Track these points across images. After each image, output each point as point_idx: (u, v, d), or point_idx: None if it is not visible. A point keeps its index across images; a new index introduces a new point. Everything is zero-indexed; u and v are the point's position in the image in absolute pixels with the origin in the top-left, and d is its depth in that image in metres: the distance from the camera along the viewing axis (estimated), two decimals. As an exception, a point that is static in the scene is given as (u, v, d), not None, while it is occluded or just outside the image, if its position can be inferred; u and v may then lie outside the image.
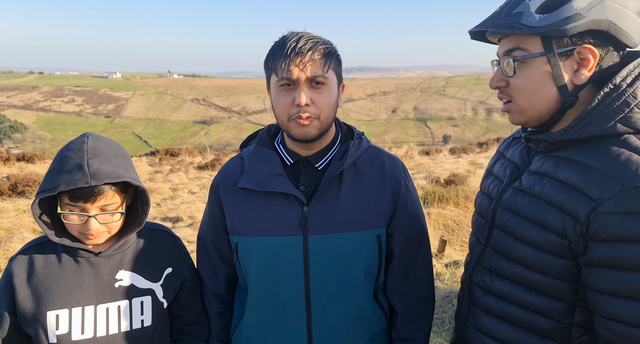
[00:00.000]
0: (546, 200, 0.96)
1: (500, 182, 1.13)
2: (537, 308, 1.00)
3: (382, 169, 1.29)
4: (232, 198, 1.28)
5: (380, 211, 1.25)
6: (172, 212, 7.65)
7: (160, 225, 1.43)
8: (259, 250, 1.22)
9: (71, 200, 1.15)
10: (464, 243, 5.15)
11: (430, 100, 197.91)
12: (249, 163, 1.27)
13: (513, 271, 1.02)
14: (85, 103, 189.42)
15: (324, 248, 1.20)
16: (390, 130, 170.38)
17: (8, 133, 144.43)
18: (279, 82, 1.16)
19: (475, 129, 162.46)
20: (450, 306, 3.55)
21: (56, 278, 1.21)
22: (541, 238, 0.96)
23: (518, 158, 1.12)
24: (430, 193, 7.23)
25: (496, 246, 1.07)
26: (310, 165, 1.26)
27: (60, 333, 1.18)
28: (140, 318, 1.26)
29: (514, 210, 1.03)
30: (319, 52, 1.15)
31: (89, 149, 1.17)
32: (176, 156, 16.03)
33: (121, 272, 1.26)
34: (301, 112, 1.15)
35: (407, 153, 15.21)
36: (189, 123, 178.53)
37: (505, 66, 1.01)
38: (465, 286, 1.18)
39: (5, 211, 7.16)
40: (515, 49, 0.99)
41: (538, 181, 1.00)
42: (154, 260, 1.32)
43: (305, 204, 1.21)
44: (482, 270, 1.11)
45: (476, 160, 12.43)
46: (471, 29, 1.06)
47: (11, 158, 13.31)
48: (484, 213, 1.15)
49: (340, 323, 1.23)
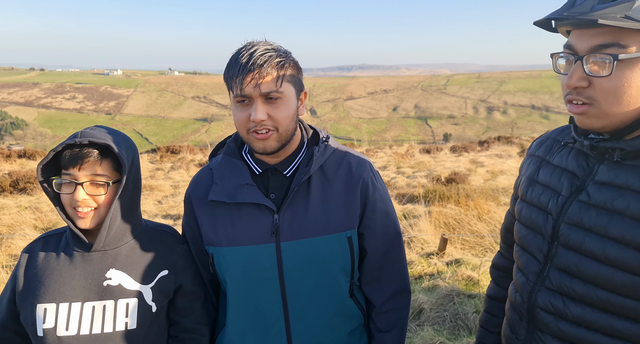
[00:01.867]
0: (635, 217, 0.87)
1: (557, 194, 1.02)
2: (627, 336, 0.91)
3: (349, 171, 1.29)
4: (204, 210, 1.29)
5: (350, 213, 1.26)
6: (173, 209, 7.65)
7: (166, 226, 1.41)
8: (233, 259, 1.24)
9: (64, 169, 1.20)
10: (465, 242, 5.16)
11: (431, 98, 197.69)
12: (217, 174, 1.28)
13: (595, 296, 0.93)
14: (86, 100, 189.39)
15: (296, 254, 1.22)
16: (390, 128, 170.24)
17: (9, 130, 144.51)
18: (235, 98, 1.17)
19: (476, 128, 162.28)
20: (451, 305, 3.55)
21: (51, 272, 1.23)
22: (634, 260, 0.87)
23: (575, 167, 1.01)
24: (431, 191, 7.23)
25: (566, 267, 0.97)
26: (279, 172, 1.27)
27: (46, 327, 1.19)
28: (125, 320, 1.23)
29: (587, 227, 0.94)
30: (272, 66, 1.14)
31: (92, 127, 1.24)
32: (177, 153, 16.04)
33: (111, 271, 1.25)
34: (257, 127, 1.16)
35: (407, 151, 15.20)
36: (190, 120, 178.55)
37: (593, 64, 0.88)
38: (523, 309, 1.07)
39: (6, 208, 7.16)
40: (612, 44, 0.86)
41: (618, 195, 0.90)
42: (149, 261, 1.30)
43: (276, 212, 1.23)
44: (549, 293, 1.01)
45: (477, 159, 12.42)
46: (554, 15, 0.92)
47: (12, 154, 13.31)
48: (538, 228, 1.05)
49: (318, 323, 1.25)
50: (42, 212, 6.85)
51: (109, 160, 1.22)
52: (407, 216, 6.43)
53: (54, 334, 1.18)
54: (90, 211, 1.21)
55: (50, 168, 1.24)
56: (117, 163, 1.24)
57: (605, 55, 0.86)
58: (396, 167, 11.81)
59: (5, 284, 1.29)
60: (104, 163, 1.21)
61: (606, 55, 0.86)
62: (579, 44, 0.90)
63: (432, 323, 3.46)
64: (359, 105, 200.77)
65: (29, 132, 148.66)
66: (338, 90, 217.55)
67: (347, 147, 1.37)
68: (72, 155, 1.18)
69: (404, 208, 6.85)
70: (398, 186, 8.99)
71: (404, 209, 6.78)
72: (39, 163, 1.20)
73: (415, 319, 3.54)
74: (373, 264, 1.33)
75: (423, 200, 6.99)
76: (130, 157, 1.25)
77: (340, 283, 1.27)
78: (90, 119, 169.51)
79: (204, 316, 1.37)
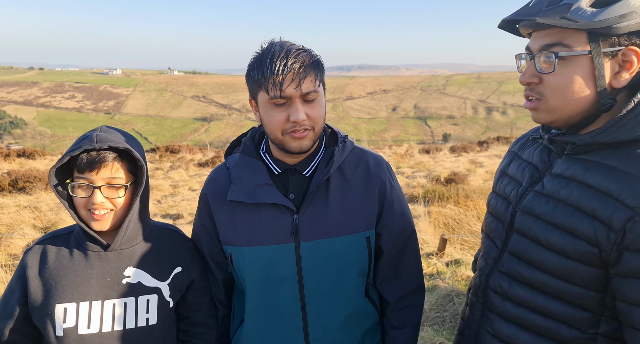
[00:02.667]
0: (575, 205, 0.93)
1: (519, 184, 1.09)
2: (561, 317, 0.97)
3: (367, 171, 1.30)
4: (222, 210, 1.29)
5: (368, 213, 1.28)
6: (173, 209, 7.65)
7: (172, 226, 1.45)
8: (253, 259, 1.25)
9: (79, 172, 1.20)
10: (464, 242, 5.16)
11: (431, 98, 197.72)
12: (235, 173, 1.28)
13: (535, 278, 0.99)
14: (85, 100, 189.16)
15: (315, 254, 1.23)
16: (390, 128, 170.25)
17: (8, 129, 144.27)
18: (272, 100, 1.15)
19: (475, 128, 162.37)
20: (451, 305, 3.55)
21: (66, 272, 1.24)
22: (569, 245, 0.93)
23: (537, 160, 1.08)
24: (430, 191, 7.23)
25: (516, 251, 1.04)
26: (298, 172, 1.27)
27: (67, 327, 1.20)
28: (146, 316, 1.26)
29: (536, 214, 1.00)
30: (309, 66, 1.15)
31: (101, 129, 1.26)
32: (176, 153, 16.02)
33: (129, 269, 1.27)
34: (296, 127, 1.16)
35: (407, 151, 15.21)
36: (189, 120, 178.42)
37: (542, 62, 0.96)
38: (480, 291, 1.14)
39: (5, 207, 7.16)
40: (556, 44, 0.93)
41: (564, 185, 0.96)
42: (163, 258, 1.33)
43: (295, 212, 1.23)
44: (500, 275, 1.08)
45: (476, 159, 12.43)
46: (507, 17, 1.00)
47: (11, 154, 13.30)
48: (500, 216, 1.12)
49: (335, 322, 1.27)
50: (41, 211, 6.84)
51: (125, 163, 1.24)
52: (407, 216, 6.42)
53: (76, 333, 1.20)
54: (106, 213, 1.22)
55: (60, 170, 1.24)
56: (130, 165, 1.25)
57: (550, 53, 0.93)
58: (396, 167, 11.81)
59: (7, 286, 1.28)
60: (120, 166, 1.22)
61: (550, 53, 0.93)
62: (533, 44, 0.98)
63: (431, 323, 3.46)
64: (359, 105, 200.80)
65: (28, 131, 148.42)
66: (337, 90, 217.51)
67: (363, 146, 1.38)
68: (89, 159, 1.18)
69: (403, 208, 6.84)
70: (397, 186, 8.97)
71: (404, 209, 6.77)
72: (52, 167, 1.20)
73: (414, 320, 3.54)
74: (389, 262, 1.34)
75: (422, 200, 6.99)
76: (144, 159, 1.27)
77: (357, 283, 1.29)
78: (90, 118, 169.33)
79: (212, 310, 1.40)
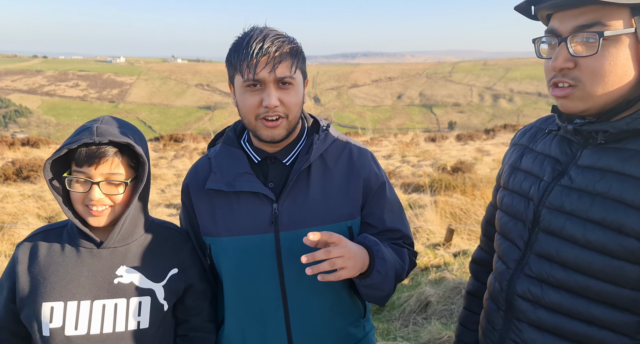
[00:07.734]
0: (617, 199, 0.86)
1: (539, 179, 1.01)
2: (606, 323, 0.90)
3: (350, 160, 1.28)
4: (202, 200, 1.27)
5: (351, 202, 1.25)
6: (176, 198, 7.62)
7: (171, 224, 1.37)
8: (231, 249, 1.22)
9: (77, 166, 1.13)
10: (472, 232, 5.09)
11: (436, 86, 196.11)
12: (216, 163, 1.26)
13: (574, 281, 0.91)
14: (89, 88, 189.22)
15: (295, 244, 1.19)
16: (395, 116, 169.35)
17: (13, 118, 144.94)
18: (245, 83, 1.14)
19: (482, 116, 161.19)
20: (459, 298, 3.49)
21: (56, 268, 1.17)
22: (614, 243, 0.86)
23: (557, 152, 1.01)
24: (436, 180, 7.15)
25: (545, 253, 0.96)
26: (278, 161, 1.26)
27: (53, 327, 1.14)
28: (137, 319, 1.19)
29: (569, 211, 0.92)
30: (286, 51, 1.14)
31: (102, 120, 1.19)
32: (180, 142, 15.98)
33: (122, 268, 1.20)
34: (269, 113, 1.14)
35: (412, 140, 15.08)
36: (193, 108, 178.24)
37: (577, 45, 0.87)
38: (501, 298, 1.05)
39: (10, 196, 7.15)
40: (595, 23, 0.85)
41: (599, 178, 0.89)
42: (159, 259, 1.26)
43: (275, 201, 1.21)
44: (528, 280, 0.99)
45: (483, 147, 12.30)
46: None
47: (16, 142, 13.31)
48: (519, 214, 1.04)
49: (318, 315, 1.23)
50: (46, 201, 6.83)
51: (125, 158, 1.17)
52: (413, 206, 6.36)
53: (62, 334, 1.13)
54: (104, 209, 1.16)
55: (57, 161, 1.17)
56: (131, 160, 1.19)
57: (591, 33, 0.85)
58: (401, 156, 11.71)
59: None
60: (121, 161, 1.16)
61: (591, 33, 0.85)
62: (562, 26, 0.89)
63: (439, 316, 3.40)
64: (363, 93, 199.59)
65: (33, 119, 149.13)
66: (342, 77, 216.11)
67: (348, 137, 1.36)
68: (88, 153, 1.11)
69: (409, 197, 6.78)
70: (403, 175, 8.91)
71: (409, 198, 6.71)
72: (48, 159, 1.14)
73: (421, 313, 3.49)
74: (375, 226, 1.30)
75: (429, 190, 6.92)
76: (147, 154, 1.21)
77: None
78: (94, 107, 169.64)
79: (212, 314, 1.34)
